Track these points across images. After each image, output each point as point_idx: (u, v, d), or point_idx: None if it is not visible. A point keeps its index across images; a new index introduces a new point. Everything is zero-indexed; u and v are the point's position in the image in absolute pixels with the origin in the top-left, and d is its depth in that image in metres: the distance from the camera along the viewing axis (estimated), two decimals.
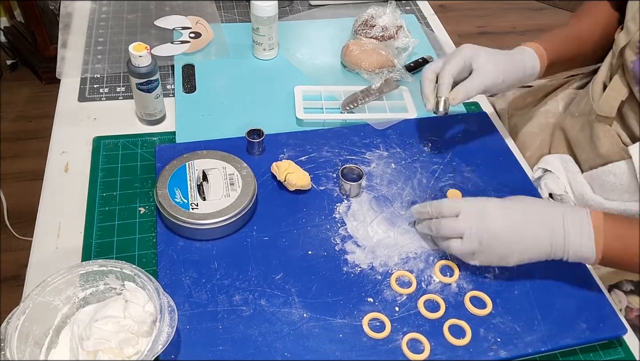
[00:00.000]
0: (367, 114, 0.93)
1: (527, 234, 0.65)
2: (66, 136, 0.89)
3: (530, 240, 0.65)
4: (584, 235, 0.65)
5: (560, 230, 0.65)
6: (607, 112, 0.78)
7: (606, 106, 0.78)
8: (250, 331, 0.64)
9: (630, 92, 0.75)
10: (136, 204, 0.78)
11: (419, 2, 1.27)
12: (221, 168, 0.77)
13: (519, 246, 0.65)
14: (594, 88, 0.82)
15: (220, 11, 1.17)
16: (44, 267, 0.71)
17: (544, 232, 0.65)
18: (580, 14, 0.89)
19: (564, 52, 0.84)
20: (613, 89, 0.77)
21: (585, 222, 0.65)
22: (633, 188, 0.75)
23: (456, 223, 0.67)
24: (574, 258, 0.66)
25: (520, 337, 0.66)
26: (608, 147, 0.79)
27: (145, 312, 0.60)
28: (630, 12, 0.73)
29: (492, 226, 0.65)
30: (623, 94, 0.76)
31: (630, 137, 0.77)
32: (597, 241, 0.65)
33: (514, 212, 0.67)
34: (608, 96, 0.78)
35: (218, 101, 0.95)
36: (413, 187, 0.82)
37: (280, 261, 0.71)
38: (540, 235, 0.65)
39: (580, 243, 0.65)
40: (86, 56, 1.03)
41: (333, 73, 1.03)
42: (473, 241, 0.66)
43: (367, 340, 0.65)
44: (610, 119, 0.78)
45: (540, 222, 0.66)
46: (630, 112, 0.76)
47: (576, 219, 0.66)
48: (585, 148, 0.83)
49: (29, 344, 0.58)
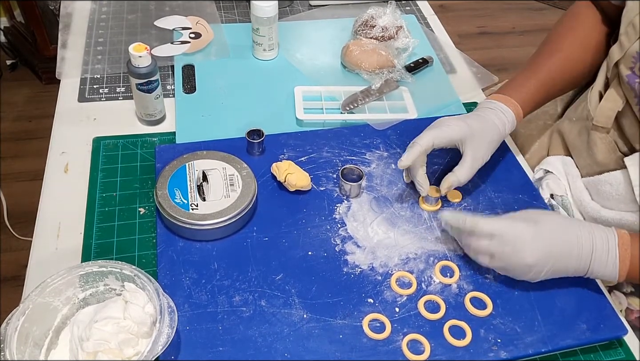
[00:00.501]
0: (367, 114, 0.93)
1: (557, 263, 0.66)
2: (66, 137, 0.88)
3: (559, 266, 0.66)
4: (610, 258, 0.66)
5: (589, 251, 0.66)
6: (604, 123, 0.77)
7: (602, 116, 0.77)
8: (250, 332, 0.64)
9: (627, 102, 0.74)
10: (136, 204, 0.78)
11: (419, 2, 1.27)
12: (221, 169, 0.77)
13: (545, 270, 0.66)
14: (591, 95, 0.82)
15: (220, 11, 1.17)
16: (44, 268, 0.70)
17: (570, 258, 0.66)
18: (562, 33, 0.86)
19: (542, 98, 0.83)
20: (609, 100, 0.76)
21: (612, 244, 0.66)
22: (629, 199, 0.74)
23: (489, 246, 0.67)
24: (596, 276, 0.68)
25: (520, 338, 0.66)
26: (605, 155, 0.78)
27: (145, 313, 0.60)
28: (623, 26, 0.73)
29: (524, 259, 0.65)
30: (619, 105, 0.75)
31: (627, 146, 0.77)
32: (621, 262, 0.65)
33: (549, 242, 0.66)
34: (604, 107, 0.77)
35: (218, 101, 0.94)
36: (413, 187, 0.82)
37: (280, 261, 0.71)
38: (566, 260, 0.66)
39: (606, 265, 0.66)
40: (86, 56, 1.03)
41: (333, 73, 1.03)
42: (501, 261, 0.67)
43: (367, 341, 0.64)
44: (607, 128, 0.78)
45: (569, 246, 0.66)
46: (627, 121, 0.75)
47: (604, 241, 0.66)
48: (583, 154, 0.83)
49: (29, 345, 0.58)
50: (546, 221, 0.67)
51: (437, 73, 1.05)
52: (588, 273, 0.67)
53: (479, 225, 0.67)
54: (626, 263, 0.65)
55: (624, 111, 0.75)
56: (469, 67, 1.09)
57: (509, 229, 0.66)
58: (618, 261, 0.65)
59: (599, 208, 0.79)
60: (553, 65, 0.82)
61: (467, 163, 0.74)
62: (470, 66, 1.09)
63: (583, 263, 0.66)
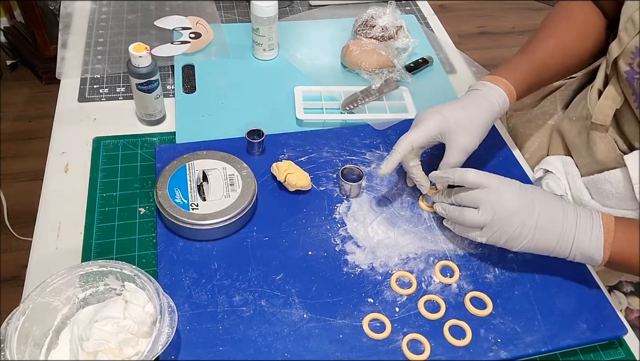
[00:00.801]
0: (367, 114, 0.93)
1: (539, 222, 0.66)
2: (66, 137, 0.88)
3: (541, 228, 0.66)
4: (594, 236, 0.65)
5: (572, 226, 0.66)
6: (602, 120, 0.77)
7: (601, 114, 0.77)
8: (251, 331, 0.64)
9: (625, 100, 0.74)
10: (136, 204, 0.78)
11: (419, 2, 1.27)
12: (221, 169, 0.77)
13: (528, 232, 0.66)
14: (591, 94, 0.82)
15: (220, 11, 1.17)
16: (44, 267, 0.70)
17: (555, 224, 0.66)
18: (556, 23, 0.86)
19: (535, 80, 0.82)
20: (607, 98, 0.76)
21: (596, 224, 0.66)
22: (629, 197, 0.74)
23: (476, 194, 0.68)
24: (580, 258, 0.67)
25: (520, 338, 0.66)
26: (604, 153, 0.78)
27: (145, 313, 0.60)
28: (622, 22, 0.73)
29: (509, 203, 0.66)
30: (618, 102, 0.75)
31: (627, 144, 0.77)
32: (605, 244, 0.65)
33: (532, 197, 0.67)
34: (602, 105, 0.77)
35: (218, 101, 0.95)
36: (413, 187, 0.82)
37: (280, 261, 0.71)
38: (551, 226, 0.66)
39: (589, 244, 0.65)
40: (86, 56, 1.03)
41: (333, 73, 1.03)
42: (488, 213, 0.66)
43: (367, 341, 0.64)
44: (605, 126, 0.78)
45: (554, 214, 0.66)
46: (626, 119, 0.75)
47: (588, 218, 0.66)
48: (582, 153, 0.83)
49: (29, 345, 0.58)
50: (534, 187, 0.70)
51: (437, 73, 1.05)
52: (572, 249, 0.66)
53: (467, 175, 0.69)
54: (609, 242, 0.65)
55: (622, 109, 0.75)
56: (469, 67, 1.09)
57: (497, 180, 0.68)
58: (602, 239, 0.65)
59: (599, 206, 0.79)
60: (547, 48, 0.82)
61: (450, 155, 0.74)
62: (470, 65, 1.09)
63: (567, 237, 0.66)
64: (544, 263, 0.73)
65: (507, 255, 0.74)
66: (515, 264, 0.73)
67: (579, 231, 0.66)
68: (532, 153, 0.94)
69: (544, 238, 0.66)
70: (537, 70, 0.82)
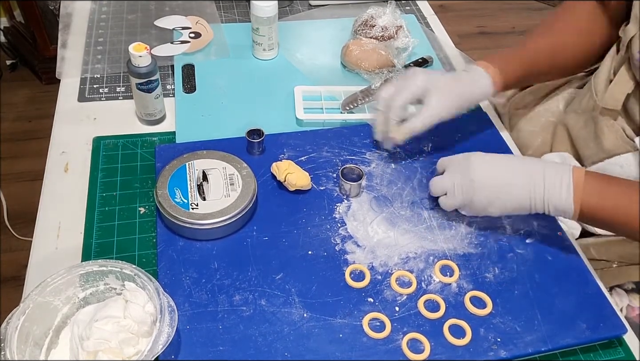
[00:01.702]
0: (367, 114, 0.93)
1: (506, 183, 0.69)
2: (66, 136, 0.89)
3: (509, 189, 0.69)
4: (563, 187, 0.67)
5: (540, 181, 0.67)
6: (613, 105, 0.78)
7: (611, 99, 0.78)
8: (251, 331, 0.64)
9: (636, 85, 0.75)
10: (136, 204, 0.78)
11: (419, 2, 1.27)
12: (221, 168, 0.77)
13: (498, 196, 0.69)
14: (597, 83, 0.82)
15: (220, 11, 1.17)
16: (44, 267, 0.71)
17: (522, 181, 0.68)
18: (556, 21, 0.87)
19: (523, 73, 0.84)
20: (618, 83, 0.77)
21: (565, 175, 0.67)
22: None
23: (442, 180, 0.73)
24: (555, 212, 0.68)
25: (520, 337, 0.66)
26: (612, 142, 0.79)
27: (146, 312, 0.60)
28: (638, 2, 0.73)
29: (472, 177, 0.70)
30: (629, 87, 0.76)
31: (635, 131, 0.78)
32: (575, 194, 0.66)
33: (495, 163, 0.71)
34: (613, 90, 0.78)
35: (218, 101, 0.95)
36: (413, 187, 0.82)
37: (280, 261, 0.71)
38: (519, 184, 0.68)
39: (560, 195, 0.67)
40: (86, 56, 1.03)
41: (333, 73, 1.03)
42: (457, 194, 0.71)
43: (367, 340, 0.64)
44: (615, 112, 0.78)
45: (520, 172, 0.69)
46: (635, 105, 0.76)
47: (558, 172, 0.68)
48: (589, 144, 0.83)
49: (29, 344, 0.58)
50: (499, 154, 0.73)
51: None
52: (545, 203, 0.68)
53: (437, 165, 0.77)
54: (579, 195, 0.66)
55: (632, 94, 0.76)
56: None
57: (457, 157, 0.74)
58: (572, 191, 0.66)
59: None
60: (541, 44, 0.84)
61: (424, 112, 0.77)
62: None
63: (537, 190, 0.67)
64: (544, 262, 0.74)
65: (507, 255, 0.74)
66: (515, 264, 0.73)
67: (548, 185, 0.67)
68: (535, 150, 0.95)
69: (514, 196, 0.69)
70: (527, 62, 0.84)
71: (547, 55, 0.84)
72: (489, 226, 0.77)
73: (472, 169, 0.70)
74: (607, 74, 0.81)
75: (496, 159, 0.71)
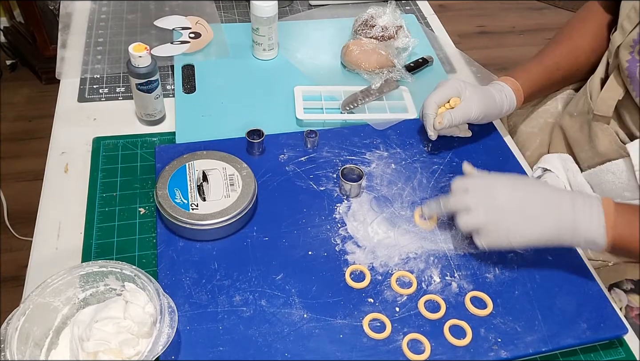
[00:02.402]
0: (367, 114, 0.93)
1: (533, 211, 0.65)
2: (66, 137, 0.88)
3: (535, 217, 0.65)
4: (594, 218, 0.64)
5: (569, 212, 0.64)
6: (604, 111, 0.78)
7: (603, 105, 0.78)
8: (251, 331, 0.64)
9: (627, 91, 0.75)
10: (136, 204, 0.78)
11: (419, 2, 1.27)
12: (221, 169, 0.77)
13: (523, 223, 0.65)
14: (592, 87, 0.82)
15: (220, 11, 1.17)
16: (44, 268, 0.70)
17: (549, 212, 0.65)
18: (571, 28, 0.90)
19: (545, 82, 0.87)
20: (609, 90, 0.77)
21: (595, 206, 0.65)
22: (632, 186, 0.75)
23: (463, 197, 0.68)
24: (584, 243, 0.66)
25: (520, 337, 0.66)
26: (606, 146, 0.79)
27: (146, 313, 0.60)
28: (624, 11, 0.74)
29: (498, 199, 0.66)
30: (619, 93, 0.76)
31: (628, 136, 0.78)
32: (607, 226, 0.64)
33: (521, 188, 0.67)
34: (604, 97, 0.78)
35: (218, 101, 0.94)
36: (413, 187, 0.82)
37: (280, 261, 0.71)
38: (545, 214, 0.65)
39: (590, 226, 0.64)
40: (86, 56, 1.03)
41: (333, 73, 1.02)
42: (479, 213, 0.66)
43: (368, 341, 0.64)
44: (607, 118, 0.78)
45: (547, 201, 0.66)
46: (627, 111, 0.76)
47: (586, 203, 0.65)
48: (584, 147, 0.83)
49: (29, 345, 0.58)
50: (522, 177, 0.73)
51: (437, 73, 1.05)
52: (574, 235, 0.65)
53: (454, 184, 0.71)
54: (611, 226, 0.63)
55: (624, 100, 0.76)
56: (469, 66, 1.09)
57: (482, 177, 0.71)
58: (603, 221, 0.64)
59: None
60: (559, 51, 0.87)
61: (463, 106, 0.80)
62: (470, 65, 1.09)
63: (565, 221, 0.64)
64: (544, 262, 0.73)
65: (507, 255, 0.74)
66: (516, 264, 0.73)
67: (578, 216, 0.64)
68: (533, 151, 0.95)
69: (540, 225, 0.65)
70: (547, 70, 0.86)
71: (565, 59, 0.87)
72: None
73: (497, 192, 0.67)
74: (601, 78, 0.81)
75: (522, 186, 0.68)
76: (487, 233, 0.66)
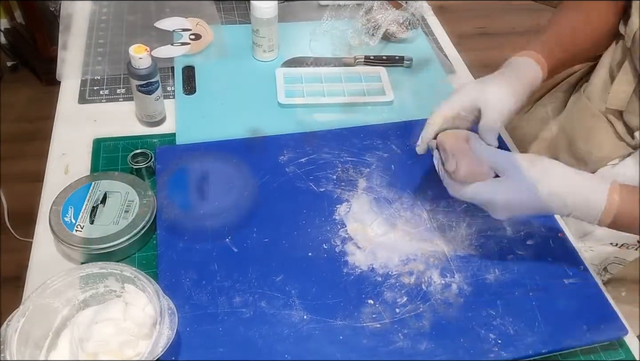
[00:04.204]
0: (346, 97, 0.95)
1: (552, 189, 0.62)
2: (66, 138, 0.89)
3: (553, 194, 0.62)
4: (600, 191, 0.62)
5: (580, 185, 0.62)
6: (617, 105, 0.77)
7: (615, 99, 0.77)
8: (251, 333, 0.64)
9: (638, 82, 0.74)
10: None
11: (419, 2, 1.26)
12: (124, 193, 0.74)
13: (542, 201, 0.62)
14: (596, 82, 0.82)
15: (220, 13, 1.17)
16: (44, 269, 0.71)
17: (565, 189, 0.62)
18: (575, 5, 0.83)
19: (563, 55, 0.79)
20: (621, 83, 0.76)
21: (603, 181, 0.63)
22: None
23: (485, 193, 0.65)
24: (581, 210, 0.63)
25: (520, 338, 0.66)
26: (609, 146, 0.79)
27: (145, 314, 0.60)
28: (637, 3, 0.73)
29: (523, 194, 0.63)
30: (632, 85, 0.75)
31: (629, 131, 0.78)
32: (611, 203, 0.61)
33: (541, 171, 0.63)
34: (617, 90, 0.77)
35: (218, 102, 0.95)
36: (413, 188, 0.82)
37: (280, 262, 0.71)
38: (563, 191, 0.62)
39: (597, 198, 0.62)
40: (86, 58, 1.03)
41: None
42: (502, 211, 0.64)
43: (368, 342, 0.64)
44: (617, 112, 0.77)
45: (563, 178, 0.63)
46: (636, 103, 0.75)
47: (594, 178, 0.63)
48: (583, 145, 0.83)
49: (29, 346, 0.58)
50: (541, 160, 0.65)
51: (436, 73, 1.05)
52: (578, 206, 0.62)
53: None
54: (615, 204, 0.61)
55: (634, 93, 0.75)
56: (468, 67, 1.09)
57: None
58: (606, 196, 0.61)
59: None
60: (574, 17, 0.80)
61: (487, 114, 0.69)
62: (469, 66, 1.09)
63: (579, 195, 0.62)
64: (544, 263, 0.73)
65: (507, 256, 0.74)
66: (516, 265, 0.73)
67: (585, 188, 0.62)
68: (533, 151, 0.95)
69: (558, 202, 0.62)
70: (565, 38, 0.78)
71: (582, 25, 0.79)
72: (489, 228, 0.77)
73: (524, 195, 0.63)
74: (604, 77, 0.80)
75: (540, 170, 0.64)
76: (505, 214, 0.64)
